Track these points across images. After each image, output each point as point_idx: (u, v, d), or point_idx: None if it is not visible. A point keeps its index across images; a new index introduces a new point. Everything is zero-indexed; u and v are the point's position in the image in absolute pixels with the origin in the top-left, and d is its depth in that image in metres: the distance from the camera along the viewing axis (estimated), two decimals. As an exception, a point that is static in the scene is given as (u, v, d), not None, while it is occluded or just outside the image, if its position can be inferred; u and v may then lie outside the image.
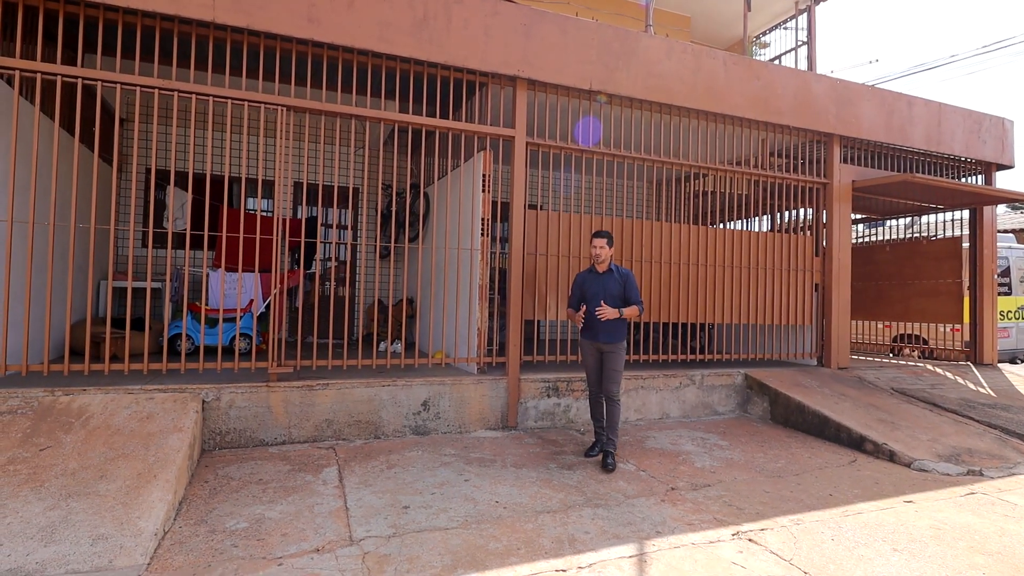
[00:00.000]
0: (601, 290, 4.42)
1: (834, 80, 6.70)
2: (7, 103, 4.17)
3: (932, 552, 3.11)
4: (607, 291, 4.41)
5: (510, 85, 5.30)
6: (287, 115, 4.68)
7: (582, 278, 4.60)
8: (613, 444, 4.40)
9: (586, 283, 4.53)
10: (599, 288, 4.44)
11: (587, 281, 4.53)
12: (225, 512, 3.29)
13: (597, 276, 4.50)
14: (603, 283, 4.46)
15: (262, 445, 4.45)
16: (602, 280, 4.47)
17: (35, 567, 2.62)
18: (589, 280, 4.53)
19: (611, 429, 4.42)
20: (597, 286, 4.46)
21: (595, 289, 4.45)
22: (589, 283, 4.51)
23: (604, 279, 4.47)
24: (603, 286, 4.44)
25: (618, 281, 4.45)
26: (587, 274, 4.58)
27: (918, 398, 6.09)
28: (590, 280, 4.52)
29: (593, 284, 4.49)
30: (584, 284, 4.55)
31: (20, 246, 4.25)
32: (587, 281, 4.53)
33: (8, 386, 3.99)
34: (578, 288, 4.60)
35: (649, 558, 2.94)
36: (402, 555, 2.86)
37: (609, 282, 4.45)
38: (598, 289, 4.44)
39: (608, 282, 4.45)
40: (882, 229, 12.01)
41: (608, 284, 4.44)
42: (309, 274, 7.29)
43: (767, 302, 6.63)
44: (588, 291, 4.49)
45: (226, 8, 4.26)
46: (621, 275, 4.49)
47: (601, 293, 4.41)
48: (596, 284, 4.47)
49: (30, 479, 3.21)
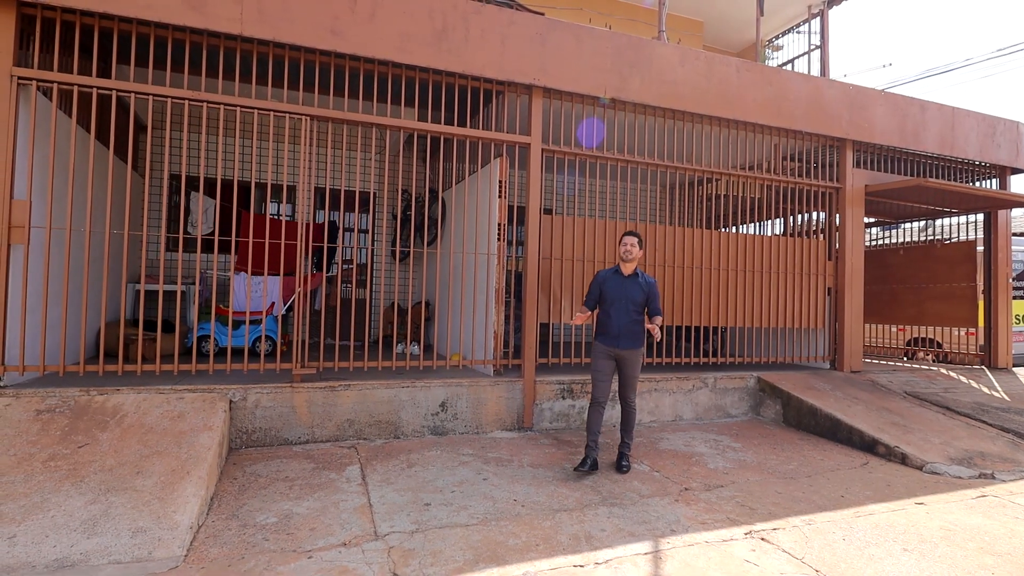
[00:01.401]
0: (623, 296, 4.21)
1: (846, 85, 6.75)
2: (45, 115, 4.34)
3: (942, 552, 3.18)
4: (630, 297, 4.20)
5: (526, 93, 5.42)
6: (311, 124, 4.83)
7: (603, 277, 4.32)
8: (628, 447, 4.37)
9: (607, 284, 4.27)
10: (621, 293, 4.22)
11: (609, 282, 4.28)
12: (255, 507, 3.43)
13: (621, 279, 4.26)
14: (626, 288, 4.23)
15: (286, 444, 4.59)
16: (625, 285, 4.24)
17: (80, 557, 2.77)
18: (611, 282, 4.27)
19: (627, 433, 4.38)
20: (619, 290, 4.23)
21: (617, 293, 4.23)
22: (611, 285, 4.26)
23: (628, 284, 4.24)
24: (626, 291, 4.21)
25: (642, 289, 4.23)
26: (610, 274, 4.32)
27: (931, 402, 6.12)
28: (612, 282, 4.27)
29: (615, 287, 4.25)
30: (605, 284, 4.28)
31: (57, 252, 4.43)
32: (609, 282, 4.28)
33: (46, 386, 4.17)
34: (597, 287, 4.32)
35: (664, 555, 3.04)
36: (426, 550, 2.97)
37: (632, 288, 4.22)
38: (620, 294, 4.22)
39: (631, 288, 4.22)
40: (897, 232, 11.99)
41: (631, 290, 4.22)
42: (329, 277, 7.46)
43: (780, 305, 6.69)
44: (609, 294, 4.24)
45: (253, 22, 4.41)
46: (647, 283, 4.28)
47: (623, 299, 4.20)
48: (619, 288, 4.24)
49: (70, 475, 3.37)
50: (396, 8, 4.79)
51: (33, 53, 4.24)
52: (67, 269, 4.19)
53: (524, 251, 5.51)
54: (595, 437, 4.24)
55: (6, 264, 4.02)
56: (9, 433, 3.67)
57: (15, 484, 3.23)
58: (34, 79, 4.10)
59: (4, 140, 4.00)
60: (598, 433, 4.25)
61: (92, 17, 4.28)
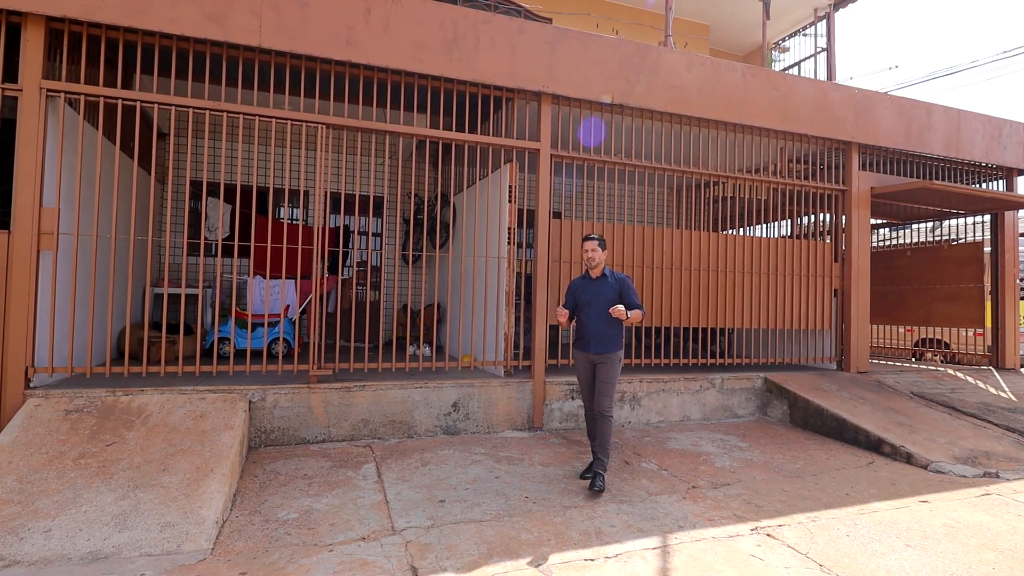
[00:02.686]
0: (595, 297, 4.16)
1: (852, 89, 6.82)
2: (72, 125, 4.50)
3: (944, 548, 3.26)
4: (602, 297, 4.14)
5: (535, 100, 5.53)
6: (327, 132, 4.96)
7: (575, 285, 4.32)
8: (603, 465, 4.02)
9: (579, 290, 4.26)
10: (593, 295, 4.17)
11: (580, 288, 4.26)
12: (276, 504, 3.56)
13: (591, 283, 4.23)
14: (597, 290, 4.18)
15: (304, 443, 4.72)
16: (596, 287, 4.19)
17: (112, 550, 2.91)
18: (583, 287, 4.25)
19: (601, 448, 4.04)
20: (591, 293, 4.19)
21: (588, 296, 4.18)
22: (583, 290, 4.23)
23: (598, 286, 4.19)
24: (597, 293, 4.17)
25: (613, 287, 4.16)
26: (581, 281, 4.31)
27: (937, 402, 6.17)
28: (583, 287, 4.25)
29: (587, 291, 4.21)
30: (577, 291, 4.27)
31: (84, 257, 4.58)
32: (580, 288, 4.26)
33: (74, 387, 4.32)
34: (571, 296, 4.31)
35: (672, 550, 3.14)
36: (441, 544, 3.09)
37: (604, 288, 4.17)
38: (592, 296, 4.17)
39: (603, 288, 4.17)
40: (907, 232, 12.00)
41: (603, 290, 4.16)
42: (343, 280, 7.60)
43: (786, 307, 6.76)
44: (581, 299, 4.21)
45: (271, 34, 4.56)
46: (617, 280, 4.19)
47: (595, 300, 4.15)
48: (590, 291, 4.20)
49: (100, 472, 3.51)
50: (409, 19, 4.92)
51: (61, 66, 4.40)
52: (94, 274, 4.34)
53: (534, 254, 5.63)
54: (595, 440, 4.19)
55: (36, 269, 4.18)
56: (40, 432, 3.82)
57: (48, 480, 3.37)
58: (62, 91, 4.26)
59: (34, 150, 4.16)
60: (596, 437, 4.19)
61: (117, 31, 4.44)
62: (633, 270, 6.08)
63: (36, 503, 3.17)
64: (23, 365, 4.13)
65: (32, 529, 2.97)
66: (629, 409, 5.77)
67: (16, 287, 4.13)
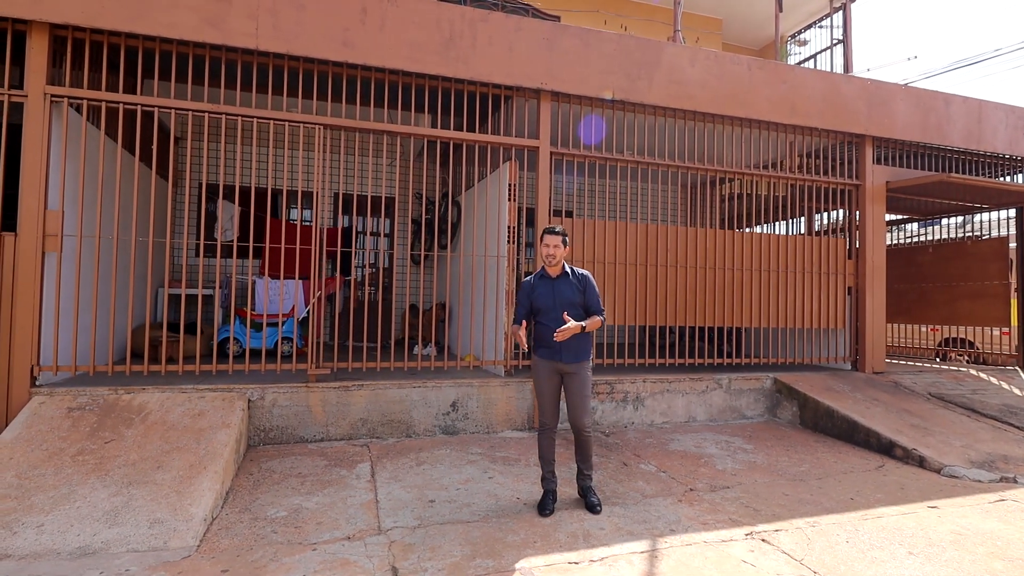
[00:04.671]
0: (554, 299, 3.63)
1: (865, 80, 6.62)
2: (76, 129, 4.60)
3: (949, 557, 3.13)
4: (562, 299, 3.62)
5: (534, 97, 5.49)
6: (325, 133, 4.99)
7: (530, 285, 3.74)
8: (590, 478, 3.77)
9: (537, 292, 3.69)
10: (551, 297, 3.64)
11: (538, 289, 3.70)
12: (267, 502, 3.58)
13: (549, 282, 3.69)
14: (557, 290, 3.65)
15: (302, 442, 4.75)
16: (555, 287, 3.67)
17: (101, 546, 2.95)
18: (541, 288, 3.69)
19: (585, 463, 3.74)
20: (549, 295, 3.65)
21: (547, 299, 3.65)
22: (541, 292, 3.68)
23: (558, 285, 3.66)
24: (557, 294, 3.64)
25: (575, 287, 3.67)
26: (537, 280, 3.74)
27: (956, 403, 5.96)
28: (541, 287, 3.70)
29: (546, 294, 3.66)
30: (534, 293, 3.70)
31: (88, 258, 4.68)
32: (538, 289, 3.70)
33: (78, 385, 4.41)
34: (526, 297, 3.73)
35: (660, 554, 3.07)
36: (425, 545, 3.07)
37: (564, 288, 3.65)
38: (550, 298, 3.64)
39: (563, 288, 3.65)
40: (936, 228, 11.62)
41: (563, 291, 3.65)
42: (348, 280, 7.64)
43: (798, 306, 6.59)
44: (541, 301, 3.66)
45: (268, 36, 4.60)
46: (578, 279, 3.70)
47: (554, 302, 3.63)
48: (548, 292, 3.66)
49: (96, 468, 3.57)
50: (405, 18, 4.92)
51: (64, 71, 4.50)
52: (97, 274, 4.43)
53: (534, 253, 5.58)
54: (550, 467, 3.69)
55: (40, 271, 4.28)
56: (43, 429, 3.90)
57: (46, 476, 3.44)
58: (65, 96, 4.36)
59: (38, 155, 4.26)
60: (553, 462, 3.71)
61: (119, 36, 4.52)
62: (637, 268, 5.99)
63: (32, 498, 3.24)
64: (29, 364, 4.24)
65: (26, 524, 3.03)
66: (632, 410, 5.68)
67: (22, 288, 4.23)
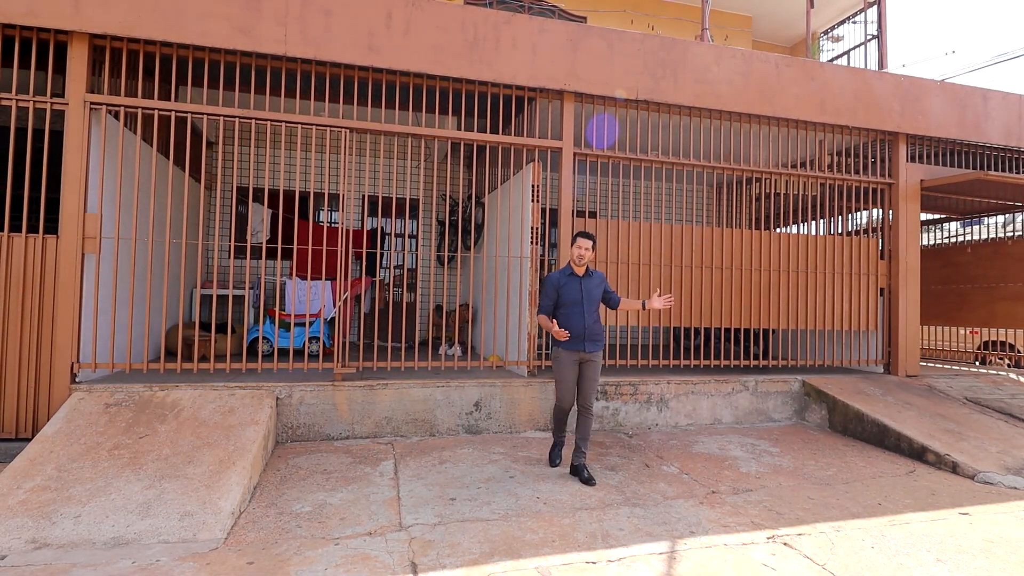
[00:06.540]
0: (583, 294, 4.10)
1: (898, 77, 6.45)
2: (114, 135, 4.78)
3: (978, 565, 3.04)
4: (590, 295, 4.13)
5: (557, 98, 5.50)
6: (351, 136, 5.09)
7: (557, 280, 4.15)
8: (585, 455, 4.19)
9: (564, 287, 4.13)
10: (580, 292, 4.11)
11: (566, 285, 4.13)
12: (293, 497, 3.67)
13: (576, 279, 4.14)
14: (585, 287, 4.13)
15: (328, 439, 4.85)
16: (583, 283, 4.14)
17: (133, 536, 3.07)
18: (568, 284, 4.13)
19: (584, 441, 4.19)
20: (577, 290, 4.11)
21: (575, 294, 4.10)
22: (569, 288, 4.12)
23: (586, 284, 4.15)
24: (585, 290, 4.12)
25: (599, 284, 4.21)
26: (563, 276, 4.16)
27: (993, 408, 5.76)
28: (568, 284, 4.13)
29: (573, 288, 4.12)
30: (562, 288, 4.13)
31: (125, 260, 4.86)
32: (566, 285, 4.13)
33: (115, 382, 4.59)
34: (553, 291, 4.14)
35: (679, 556, 3.05)
36: (445, 541, 3.11)
37: (591, 285, 4.16)
38: (578, 294, 4.10)
39: (590, 285, 4.15)
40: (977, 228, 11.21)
41: (590, 288, 4.15)
42: (375, 281, 7.76)
43: (828, 307, 6.46)
44: (567, 296, 4.11)
45: (296, 43, 4.71)
46: (600, 278, 4.24)
47: (583, 298, 4.10)
48: (576, 288, 4.12)
49: (131, 462, 3.71)
50: (429, 22, 4.98)
51: (103, 79, 4.68)
52: (133, 275, 4.60)
53: (557, 253, 5.59)
54: (563, 427, 4.42)
55: (80, 272, 4.46)
56: (81, 424, 4.07)
57: (83, 469, 3.59)
58: (104, 104, 4.53)
59: (79, 160, 4.44)
60: (566, 423, 4.43)
61: (154, 45, 4.69)
62: (662, 269, 5.94)
63: (70, 490, 3.39)
64: (69, 361, 4.42)
65: (64, 515, 3.17)
66: (656, 411, 5.64)
67: (63, 289, 4.42)
